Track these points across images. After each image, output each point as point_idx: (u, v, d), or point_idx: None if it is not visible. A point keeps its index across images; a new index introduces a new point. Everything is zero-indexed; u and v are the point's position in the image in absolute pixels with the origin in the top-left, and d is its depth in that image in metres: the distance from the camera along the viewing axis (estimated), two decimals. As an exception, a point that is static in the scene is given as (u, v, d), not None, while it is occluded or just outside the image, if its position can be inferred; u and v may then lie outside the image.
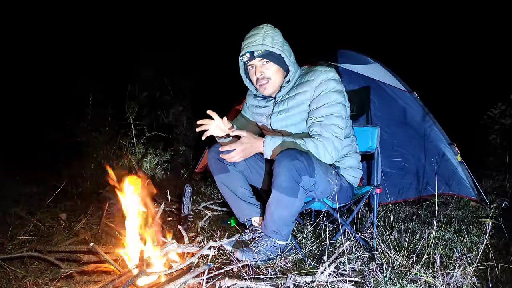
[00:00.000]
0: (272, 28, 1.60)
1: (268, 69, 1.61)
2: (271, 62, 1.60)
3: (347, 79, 2.82)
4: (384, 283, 1.28)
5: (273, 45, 1.55)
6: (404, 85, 2.84)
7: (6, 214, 2.13)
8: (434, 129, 2.76)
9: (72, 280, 1.35)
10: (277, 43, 1.57)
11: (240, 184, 1.78)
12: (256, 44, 1.55)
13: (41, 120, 4.35)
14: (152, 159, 3.73)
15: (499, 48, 6.95)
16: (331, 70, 1.62)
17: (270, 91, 1.66)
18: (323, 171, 1.50)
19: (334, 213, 1.63)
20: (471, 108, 4.97)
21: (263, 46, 1.55)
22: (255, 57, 1.58)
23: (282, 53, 1.57)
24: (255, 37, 1.57)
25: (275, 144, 1.49)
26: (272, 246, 1.56)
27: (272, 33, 1.58)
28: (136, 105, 3.93)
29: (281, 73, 1.65)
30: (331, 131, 1.51)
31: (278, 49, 1.56)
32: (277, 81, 1.64)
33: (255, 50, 1.56)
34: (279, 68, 1.62)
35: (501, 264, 1.42)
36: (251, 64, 1.63)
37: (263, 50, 1.56)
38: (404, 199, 2.73)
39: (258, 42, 1.55)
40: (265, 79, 1.62)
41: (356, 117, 2.75)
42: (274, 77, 1.63)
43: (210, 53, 6.99)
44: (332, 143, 1.51)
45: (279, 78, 1.65)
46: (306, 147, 1.49)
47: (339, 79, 1.63)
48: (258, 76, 1.63)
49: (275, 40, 1.57)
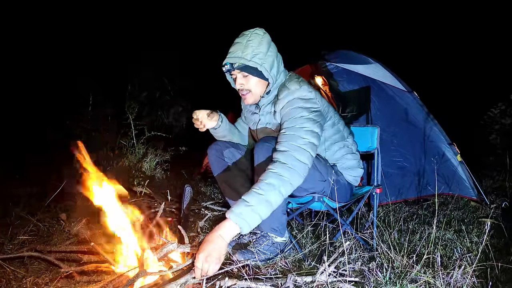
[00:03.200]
0: (257, 36, 1.53)
1: (248, 81, 1.58)
2: (250, 75, 1.56)
3: (347, 79, 2.82)
4: (384, 283, 1.28)
5: (251, 57, 1.50)
6: (404, 85, 2.84)
7: (6, 214, 2.13)
8: (434, 129, 2.76)
9: (72, 280, 1.35)
10: (257, 54, 1.51)
11: (241, 183, 1.75)
12: (235, 56, 1.52)
13: (41, 120, 4.35)
14: (152, 159, 3.73)
15: (499, 48, 6.95)
16: (300, 88, 1.52)
17: (250, 101, 1.64)
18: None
19: (334, 213, 1.63)
20: (471, 108, 4.97)
21: (240, 59, 1.51)
22: (234, 69, 1.55)
23: (260, 66, 1.51)
24: (236, 47, 1.53)
25: (242, 215, 1.24)
26: (271, 245, 1.56)
27: (256, 42, 1.51)
28: (136, 105, 3.93)
29: (262, 83, 1.60)
30: (292, 146, 1.39)
31: (255, 63, 1.51)
32: (257, 92, 1.61)
33: (233, 62, 1.53)
34: (260, 79, 1.58)
35: (501, 264, 1.42)
36: (232, 73, 1.60)
37: (240, 63, 1.52)
38: (404, 199, 2.73)
39: (237, 54, 1.51)
40: (245, 91, 1.60)
41: (356, 117, 2.75)
42: (254, 88, 1.59)
43: (210, 53, 6.99)
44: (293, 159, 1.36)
45: (259, 89, 1.61)
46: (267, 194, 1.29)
47: (309, 95, 1.53)
48: (238, 87, 1.61)
49: (255, 51, 1.50)
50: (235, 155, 1.75)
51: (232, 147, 1.76)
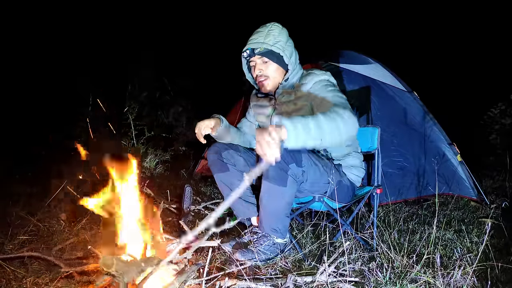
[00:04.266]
0: (278, 27, 1.63)
1: (268, 67, 1.64)
2: (270, 61, 1.62)
3: (347, 79, 2.82)
4: (384, 283, 1.28)
5: (273, 43, 1.58)
6: (404, 85, 2.84)
7: (6, 214, 2.13)
8: (434, 129, 2.76)
9: (72, 280, 1.35)
10: (279, 42, 1.59)
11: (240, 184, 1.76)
12: (257, 42, 1.59)
13: (41, 120, 4.35)
14: (152, 159, 3.74)
15: (499, 48, 6.95)
16: (326, 73, 1.64)
17: (268, 88, 1.69)
18: (313, 162, 1.50)
19: (334, 213, 1.63)
20: (471, 108, 4.97)
21: (263, 44, 1.58)
22: (255, 54, 1.62)
23: (282, 52, 1.59)
24: (258, 34, 1.62)
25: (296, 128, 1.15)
26: (272, 245, 1.56)
27: (277, 32, 1.60)
28: (136, 105, 3.93)
29: (281, 71, 1.67)
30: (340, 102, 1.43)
31: (277, 48, 1.58)
32: (276, 79, 1.67)
33: (256, 47, 1.60)
34: (279, 66, 1.65)
35: (501, 264, 1.42)
36: (252, 60, 1.66)
37: (263, 48, 1.59)
38: (404, 199, 2.73)
39: (259, 40, 1.59)
40: (263, 77, 1.65)
41: (356, 117, 2.75)
42: (273, 75, 1.65)
43: (210, 53, 6.99)
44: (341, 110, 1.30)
45: (278, 76, 1.67)
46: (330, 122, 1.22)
47: (333, 79, 1.64)
48: (257, 73, 1.66)
49: (277, 39, 1.59)
50: (234, 157, 1.75)
51: (231, 148, 1.76)
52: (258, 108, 1.82)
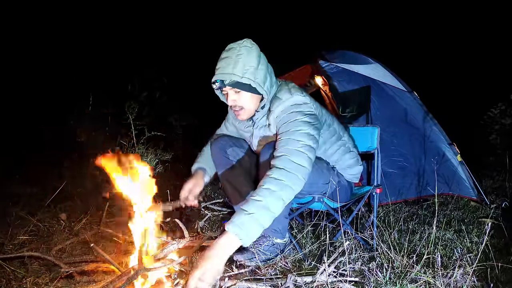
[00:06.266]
0: (246, 49, 1.44)
1: (240, 98, 1.49)
2: (243, 91, 1.47)
3: (347, 79, 2.82)
4: (384, 283, 1.28)
5: (243, 73, 1.42)
6: (404, 85, 2.84)
7: (6, 214, 2.13)
8: (434, 129, 2.76)
9: (72, 280, 1.35)
10: (248, 70, 1.43)
11: (244, 183, 1.71)
12: (225, 73, 1.43)
13: (41, 120, 4.35)
14: (152, 159, 3.73)
15: (499, 48, 6.96)
16: (293, 96, 1.48)
17: (245, 117, 1.57)
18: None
19: (334, 213, 1.63)
20: (471, 108, 4.96)
21: (232, 76, 1.41)
22: (225, 85, 1.46)
23: (253, 82, 1.44)
24: (226, 61, 1.44)
25: (244, 225, 1.16)
26: (271, 245, 1.56)
27: (245, 56, 1.43)
28: (136, 105, 3.92)
29: (256, 98, 1.52)
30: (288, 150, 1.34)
31: (248, 79, 1.43)
32: (251, 107, 1.54)
33: (224, 79, 1.44)
34: (253, 95, 1.50)
35: (501, 264, 1.42)
36: (224, 90, 1.51)
37: (232, 80, 1.43)
38: (404, 199, 2.73)
39: (228, 70, 1.43)
40: (238, 107, 1.52)
41: (356, 117, 2.75)
42: (247, 105, 1.51)
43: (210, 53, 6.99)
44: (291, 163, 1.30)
45: (253, 104, 1.53)
46: (266, 200, 1.22)
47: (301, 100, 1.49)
48: (231, 104, 1.53)
49: (246, 67, 1.42)
50: (239, 154, 1.72)
51: (235, 145, 1.73)
52: (241, 125, 1.75)
